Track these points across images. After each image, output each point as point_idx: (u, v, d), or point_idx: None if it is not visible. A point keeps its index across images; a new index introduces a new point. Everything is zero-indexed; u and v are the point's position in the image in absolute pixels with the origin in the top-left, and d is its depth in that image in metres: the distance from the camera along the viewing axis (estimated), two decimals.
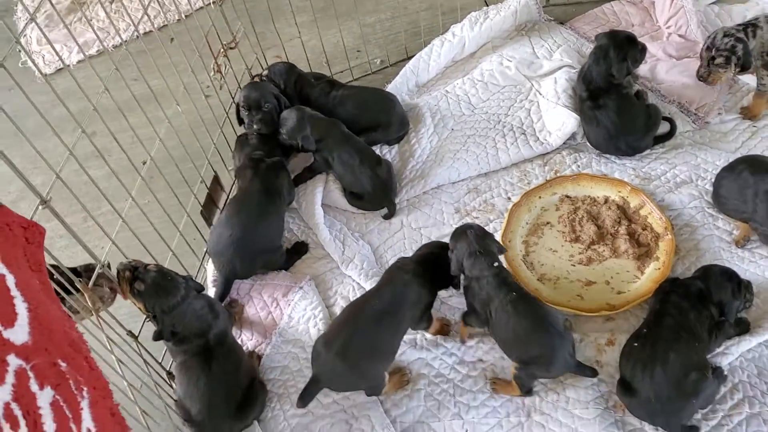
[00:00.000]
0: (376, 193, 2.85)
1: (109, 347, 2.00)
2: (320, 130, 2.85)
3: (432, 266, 2.30)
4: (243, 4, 3.30)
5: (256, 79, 3.14)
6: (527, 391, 2.22)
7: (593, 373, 2.18)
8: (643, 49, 2.84)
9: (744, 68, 2.70)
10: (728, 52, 2.67)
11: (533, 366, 2.16)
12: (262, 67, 3.31)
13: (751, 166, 2.49)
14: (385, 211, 2.88)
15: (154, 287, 2.18)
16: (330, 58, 3.54)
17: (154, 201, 2.57)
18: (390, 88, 3.33)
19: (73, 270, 2.05)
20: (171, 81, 2.76)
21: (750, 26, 2.68)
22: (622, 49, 2.79)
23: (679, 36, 3.22)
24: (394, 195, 2.90)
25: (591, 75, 2.86)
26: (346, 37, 3.59)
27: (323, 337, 2.23)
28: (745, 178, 2.46)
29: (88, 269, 2.12)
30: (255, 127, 2.89)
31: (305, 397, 2.20)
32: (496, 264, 2.21)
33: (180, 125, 2.85)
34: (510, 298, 2.15)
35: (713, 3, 3.29)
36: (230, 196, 3.03)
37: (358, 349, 2.16)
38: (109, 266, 2.16)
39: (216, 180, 3.01)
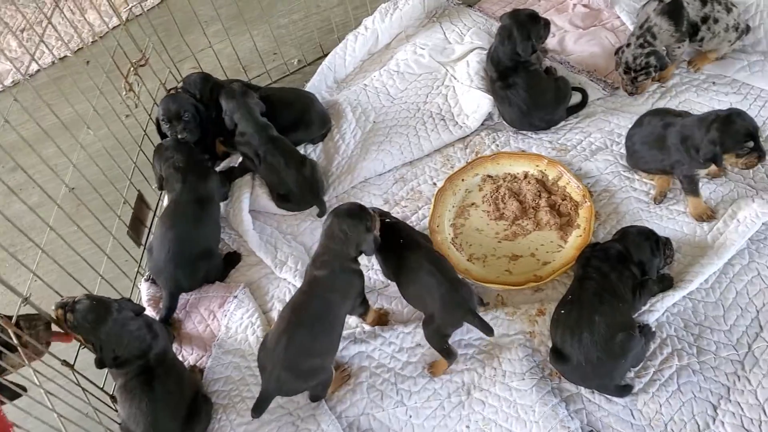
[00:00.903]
0: (303, 193, 2.86)
1: (37, 381, 1.98)
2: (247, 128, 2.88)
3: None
4: (150, 22, 3.27)
5: (172, 92, 3.11)
6: (448, 353, 2.26)
7: (489, 331, 2.18)
8: (546, 25, 2.90)
9: (663, 69, 2.81)
10: (646, 68, 2.75)
11: (436, 319, 2.22)
12: (177, 81, 3.29)
13: (655, 115, 2.59)
14: (317, 210, 2.89)
15: (86, 317, 2.17)
16: (247, 64, 3.53)
17: (83, 228, 2.55)
18: (309, 86, 3.34)
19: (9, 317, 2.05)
20: (88, 104, 2.75)
21: (646, 34, 2.75)
22: (525, 27, 2.84)
23: (584, 6, 3.30)
24: (322, 193, 2.91)
25: (498, 56, 2.92)
26: (260, 41, 3.59)
27: (266, 349, 2.21)
28: (654, 125, 2.54)
29: (30, 318, 2.12)
30: (180, 136, 2.88)
31: (258, 409, 2.19)
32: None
33: (100, 149, 2.83)
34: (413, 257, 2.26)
35: None
36: (157, 213, 3.01)
37: (300, 354, 2.17)
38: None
39: (140, 198, 2.99)
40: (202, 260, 2.68)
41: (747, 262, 2.35)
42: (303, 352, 2.17)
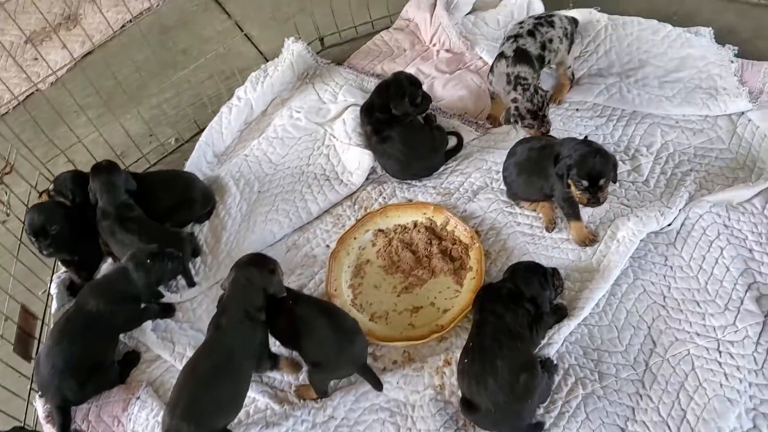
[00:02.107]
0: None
1: None
2: None
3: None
4: (11, 124, 3.15)
5: (43, 196, 2.98)
6: (324, 393, 2.36)
7: (378, 386, 2.31)
8: (425, 96, 3.01)
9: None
10: (544, 100, 2.79)
11: (327, 370, 2.32)
12: (49, 181, 3.16)
13: (526, 142, 2.69)
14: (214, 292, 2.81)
15: None
16: (123, 150, 3.45)
17: None
18: (188, 164, 3.27)
19: None
20: None
21: (521, 82, 2.79)
22: (402, 86, 2.93)
23: (447, 51, 3.39)
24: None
25: (372, 109, 2.96)
26: (134, 124, 3.52)
27: (167, 406, 2.24)
28: (528, 152, 2.63)
29: None
30: (45, 253, 2.77)
31: None
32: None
33: None
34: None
35: (468, 14, 3.48)
36: (46, 321, 2.87)
37: (201, 407, 2.18)
38: None
39: (24, 310, 2.84)
40: (91, 371, 2.55)
41: (632, 280, 2.44)
42: (204, 404, 2.18)
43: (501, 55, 2.87)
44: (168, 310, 2.77)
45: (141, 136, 3.52)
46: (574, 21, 3.04)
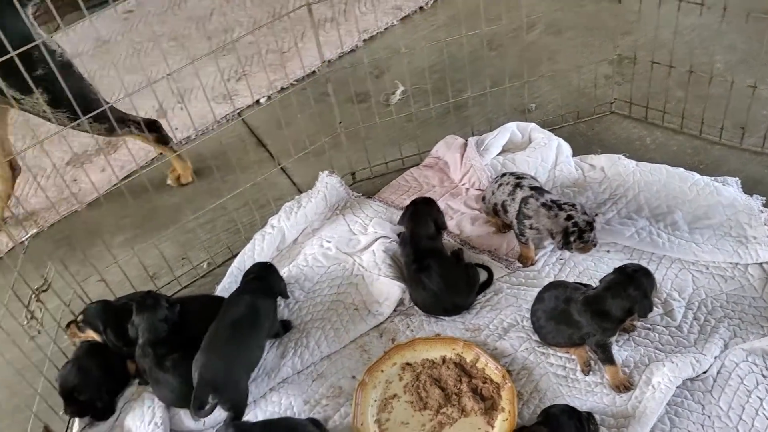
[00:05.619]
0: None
1: None
2: None
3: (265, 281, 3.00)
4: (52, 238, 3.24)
5: (72, 327, 2.98)
6: None
7: None
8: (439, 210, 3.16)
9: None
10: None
11: None
12: (83, 300, 3.20)
13: (554, 289, 2.69)
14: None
15: None
16: (155, 272, 3.49)
17: None
18: (219, 289, 3.31)
19: None
20: None
21: (560, 202, 2.88)
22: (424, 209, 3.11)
23: (476, 189, 3.49)
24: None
25: (416, 238, 3.06)
26: (168, 247, 3.58)
27: (200, 350, 2.69)
28: (556, 301, 2.63)
29: None
30: (68, 412, 2.82)
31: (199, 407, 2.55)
32: None
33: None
34: None
35: (498, 155, 3.61)
36: None
37: (231, 348, 2.68)
38: None
39: (47, 430, 2.79)
40: None
41: (669, 428, 2.37)
42: (227, 352, 2.67)
43: (523, 201, 2.95)
44: (286, 327, 3.06)
45: (174, 258, 3.58)
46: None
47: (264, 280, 3.00)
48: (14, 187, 3.96)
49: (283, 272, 3.33)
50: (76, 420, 2.83)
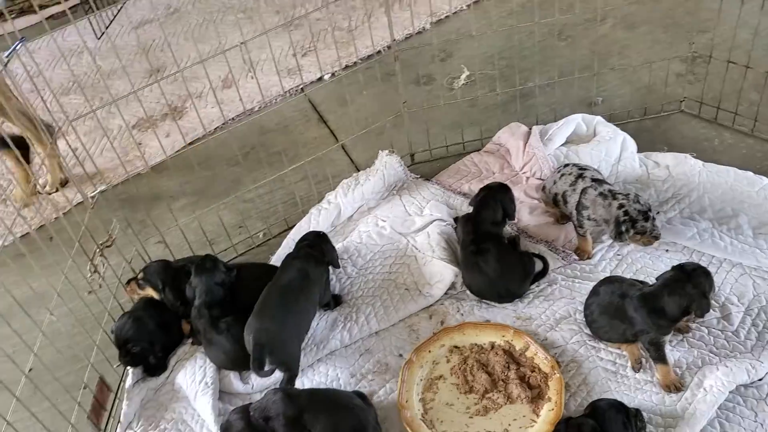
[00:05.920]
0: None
1: None
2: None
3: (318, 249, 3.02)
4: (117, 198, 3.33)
5: (131, 284, 3.09)
6: None
7: None
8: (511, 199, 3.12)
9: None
10: (648, 202, 2.86)
11: None
12: (143, 259, 3.29)
13: (610, 284, 2.66)
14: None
15: None
16: (213, 238, 3.57)
17: (37, 414, 2.47)
18: (274, 260, 3.37)
19: None
20: (53, 281, 2.78)
21: (616, 192, 2.89)
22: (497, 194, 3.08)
23: (537, 179, 3.46)
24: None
25: (478, 220, 3.04)
26: (226, 215, 3.65)
27: (252, 314, 2.77)
28: (611, 295, 2.61)
29: None
30: (122, 362, 2.92)
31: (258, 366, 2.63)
32: None
33: (58, 329, 2.78)
34: None
35: (562, 145, 3.57)
36: (118, 395, 2.91)
37: (283, 312, 2.74)
38: None
39: (102, 381, 2.89)
40: None
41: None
42: (279, 313, 2.72)
43: (583, 191, 2.94)
44: (337, 301, 3.12)
45: (232, 226, 3.65)
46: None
47: (316, 248, 3.03)
48: (30, 162, 4.02)
49: (337, 247, 3.37)
50: (129, 374, 2.92)
